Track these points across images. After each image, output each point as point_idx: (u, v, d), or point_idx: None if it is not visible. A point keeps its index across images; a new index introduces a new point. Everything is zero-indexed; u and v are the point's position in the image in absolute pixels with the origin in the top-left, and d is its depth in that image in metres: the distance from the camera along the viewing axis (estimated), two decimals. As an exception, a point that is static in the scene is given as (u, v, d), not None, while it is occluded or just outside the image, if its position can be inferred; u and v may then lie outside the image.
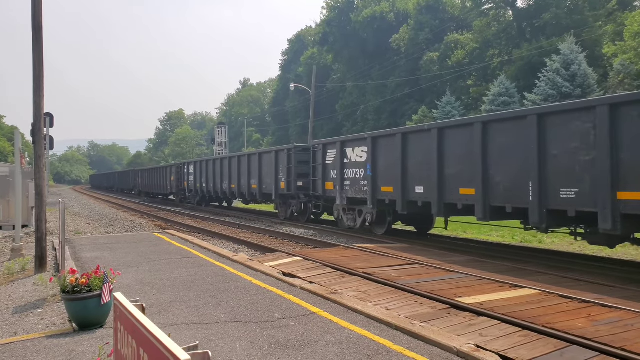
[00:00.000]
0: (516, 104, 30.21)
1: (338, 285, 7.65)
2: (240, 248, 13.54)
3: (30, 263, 9.96)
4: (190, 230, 18.27)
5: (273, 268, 8.97)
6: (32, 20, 9.41)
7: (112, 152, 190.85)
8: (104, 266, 6.68)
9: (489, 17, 43.56)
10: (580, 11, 34.77)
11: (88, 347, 4.96)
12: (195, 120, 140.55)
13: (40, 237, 9.32)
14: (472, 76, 43.58)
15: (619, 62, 26.37)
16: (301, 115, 64.47)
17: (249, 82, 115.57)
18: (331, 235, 15.52)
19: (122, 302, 2.60)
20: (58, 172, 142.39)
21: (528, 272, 8.47)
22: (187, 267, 9.18)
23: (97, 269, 5.88)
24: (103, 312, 5.66)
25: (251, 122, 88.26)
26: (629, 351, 4.55)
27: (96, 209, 31.88)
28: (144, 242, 12.76)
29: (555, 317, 5.65)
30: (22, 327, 5.79)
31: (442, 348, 4.76)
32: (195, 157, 46.30)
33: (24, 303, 6.99)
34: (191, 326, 5.53)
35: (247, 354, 4.66)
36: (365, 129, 47.31)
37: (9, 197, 17.22)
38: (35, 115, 9.52)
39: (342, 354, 4.65)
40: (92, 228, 19.43)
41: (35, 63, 9.37)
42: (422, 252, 10.82)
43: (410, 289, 7.17)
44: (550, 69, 28.06)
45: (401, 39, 48.09)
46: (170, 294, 7.03)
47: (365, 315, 5.85)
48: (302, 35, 77.14)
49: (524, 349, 4.75)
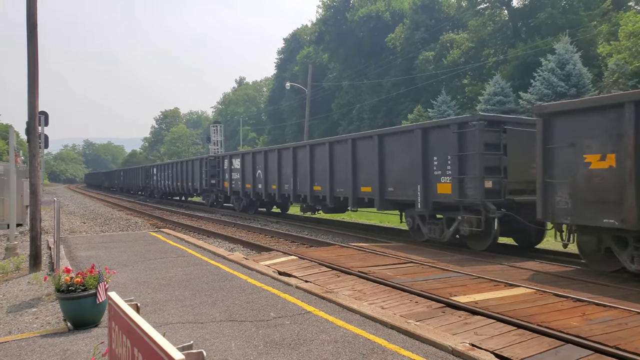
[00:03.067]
0: (511, 103, 30.28)
1: (333, 284, 7.65)
2: (235, 247, 13.53)
3: (24, 262, 9.91)
4: (185, 229, 18.24)
5: (268, 267, 8.97)
6: (27, 18, 9.37)
7: (108, 151, 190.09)
8: (99, 265, 6.65)
9: (485, 16, 43.63)
10: (575, 11, 34.88)
11: (83, 347, 4.94)
12: (191, 118, 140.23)
13: (35, 235, 9.28)
14: (467, 75, 43.66)
15: (613, 61, 26.47)
16: (297, 114, 64.43)
17: (245, 80, 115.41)
18: (327, 234, 15.53)
19: (116, 301, 2.59)
20: (53, 170, 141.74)
21: (523, 271, 8.50)
22: (183, 266, 9.16)
23: (92, 268, 5.86)
24: (98, 311, 5.64)
25: (247, 121, 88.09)
26: (623, 350, 4.57)
27: (91, 208, 31.76)
28: (139, 241, 12.73)
29: (550, 315, 5.68)
30: (17, 327, 5.76)
31: (437, 347, 4.77)
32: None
33: (19, 302, 6.96)
34: (186, 325, 5.52)
35: (243, 353, 4.65)
36: (362, 127, 47.33)
37: (4, 196, 17.11)
38: (29, 113, 9.47)
39: (337, 352, 4.65)
40: (87, 227, 19.36)
41: (29, 61, 9.32)
42: (417, 251, 10.84)
43: (405, 287, 7.19)
44: (546, 69, 28.13)
45: (397, 38, 48.12)
46: (165, 293, 7.02)
47: (360, 314, 5.86)
48: (297, 34, 77.06)
49: (518, 348, 4.76)
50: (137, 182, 48.06)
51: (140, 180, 46.36)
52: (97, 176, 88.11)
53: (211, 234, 16.35)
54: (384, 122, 44.42)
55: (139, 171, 47.44)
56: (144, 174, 44.82)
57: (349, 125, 51.63)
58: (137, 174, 48.38)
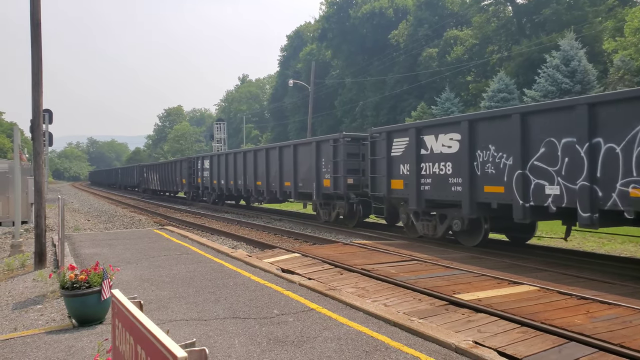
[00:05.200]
0: (515, 100, 30.17)
1: (337, 282, 7.65)
2: (239, 244, 13.55)
3: (29, 259, 9.96)
4: (189, 226, 18.28)
5: (272, 264, 8.98)
6: (31, 16, 9.38)
7: (111, 149, 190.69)
8: (103, 262, 6.69)
9: (489, 12, 43.48)
10: (580, 7, 34.68)
11: (87, 343, 4.97)
12: (194, 116, 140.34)
13: (40, 233, 9.32)
14: (471, 72, 43.54)
15: (619, 58, 26.34)
16: (300, 111, 64.40)
17: (248, 78, 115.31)
18: (330, 231, 15.53)
19: (119, 299, 2.60)
20: (57, 168, 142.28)
21: (527, 269, 8.48)
22: (186, 263, 9.19)
23: (96, 265, 5.88)
24: (102, 308, 5.67)
25: (250, 119, 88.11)
26: (627, 347, 4.56)
27: (95, 205, 31.87)
28: (143, 239, 12.77)
29: (554, 313, 5.66)
30: (22, 323, 5.80)
31: (440, 344, 4.77)
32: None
33: (24, 299, 6.99)
34: (190, 322, 5.54)
35: (246, 350, 4.66)
36: (365, 125, 47.27)
37: (9, 194, 17.19)
38: (34, 111, 9.50)
39: (340, 350, 4.65)
40: (91, 224, 19.43)
41: (33, 59, 9.34)
42: (420, 248, 10.83)
43: (408, 285, 7.18)
44: (550, 65, 28.02)
45: (400, 35, 48.01)
46: (169, 290, 7.04)
47: (363, 311, 5.86)
48: (300, 31, 76.91)
49: (522, 345, 4.76)
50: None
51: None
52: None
53: (214, 231, 16.38)
54: (387, 119, 44.36)
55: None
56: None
57: (352, 123, 51.58)
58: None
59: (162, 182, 38.11)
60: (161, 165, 39.36)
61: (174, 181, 34.54)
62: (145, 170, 44.65)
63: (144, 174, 45.04)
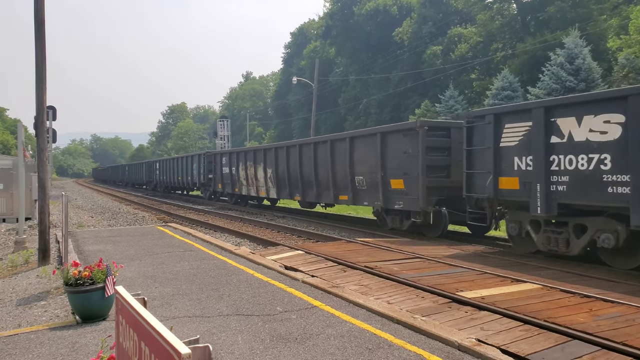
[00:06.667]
0: (519, 98, 30.04)
1: (340, 279, 7.66)
2: (242, 241, 13.57)
3: (33, 255, 10.01)
4: (192, 223, 18.32)
5: (275, 261, 8.99)
6: (35, 13, 9.40)
7: (115, 145, 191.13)
8: (107, 259, 6.71)
9: (493, 10, 43.27)
10: (585, 4, 34.47)
11: (91, 339, 4.99)
12: (198, 113, 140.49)
13: (43, 229, 9.36)
14: (475, 70, 43.37)
15: (623, 56, 26.18)
16: (304, 108, 64.33)
17: (252, 75, 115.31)
18: (333, 229, 15.53)
19: (123, 295, 2.60)
20: (61, 165, 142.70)
21: (530, 267, 8.47)
22: (190, 260, 9.21)
23: (100, 261, 5.90)
24: (106, 305, 5.69)
25: (253, 116, 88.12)
26: (630, 346, 4.55)
27: (99, 202, 31.96)
28: (146, 235, 12.80)
29: (557, 311, 5.65)
30: (26, 319, 5.83)
31: (443, 342, 4.77)
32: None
33: (28, 295, 7.03)
34: (193, 319, 5.55)
35: (249, 347, 4.68)
36: (369, 122, 47.23)
37: (13, 190, 17.27)
38: (37, 108, 9.53)
39: (343, 347, 4.66)
40: (94, 221, 19.49)
41: (37, 56, 9.36)
42: (423, 246, 10.83)
43: (411, 282, 7.18)
44: (554, 63, 27.87)
45: (404, 33, 47.84)
46: (172, 287, 7.06)
47: (366, 308, 5.86)
48: (304, 29, 76.79)
49: (525, 343, 4.75)
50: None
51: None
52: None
53: (218, 228, 16.41)
54: (391, 117, 44.26)
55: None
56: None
57: (356, 120, 51.50)
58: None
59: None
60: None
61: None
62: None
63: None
